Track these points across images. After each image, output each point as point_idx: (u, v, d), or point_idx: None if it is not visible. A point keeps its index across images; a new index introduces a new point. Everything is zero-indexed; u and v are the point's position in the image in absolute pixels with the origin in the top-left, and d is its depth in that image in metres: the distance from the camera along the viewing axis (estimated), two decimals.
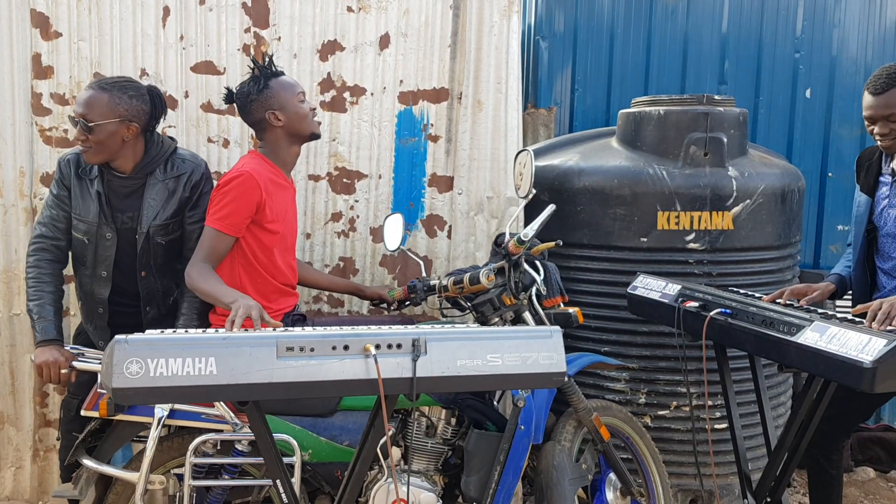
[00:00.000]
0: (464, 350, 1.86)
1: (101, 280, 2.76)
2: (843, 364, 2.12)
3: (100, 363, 2.43)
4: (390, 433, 2.52)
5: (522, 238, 2.50)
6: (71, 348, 2.62)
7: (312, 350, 1.79)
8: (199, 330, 1.96)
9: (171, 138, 2.83)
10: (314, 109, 2.79)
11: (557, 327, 1.96)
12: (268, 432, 1.99)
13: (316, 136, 2.80)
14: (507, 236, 2.64)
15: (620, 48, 4.67)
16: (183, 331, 1.88)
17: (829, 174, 4.72)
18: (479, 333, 1.91)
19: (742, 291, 2.95)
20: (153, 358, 1.71)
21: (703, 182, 3.33)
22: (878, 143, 2.70)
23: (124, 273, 2.77)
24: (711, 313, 2.55)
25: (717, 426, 3.33)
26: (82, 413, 2.50)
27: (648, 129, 3.44)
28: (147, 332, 1.90)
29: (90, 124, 2.59)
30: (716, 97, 3.46)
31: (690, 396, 3.25)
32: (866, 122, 2.71)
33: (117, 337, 1.72)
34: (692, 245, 3.35)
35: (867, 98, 2.66)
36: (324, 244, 3.45)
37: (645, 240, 3.36)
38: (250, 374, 1.75)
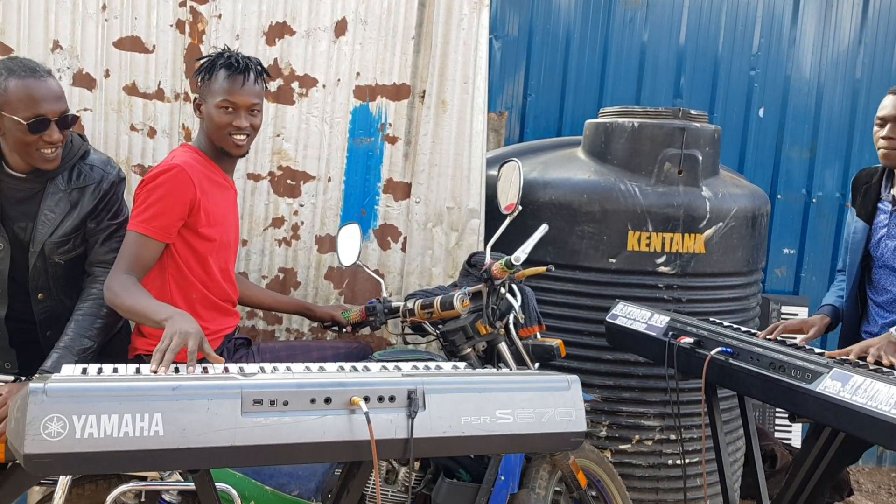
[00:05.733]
0: (469, 403, 1.53)
1: None
2: (872, 420, 1.89)
3: None
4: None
5: (513, 261, 2.18)
6: None
7: (286, 404, 1.42)
8: (145, 370, 1.56)
9: (82, 137, 2.37)
10: (238, 127, 2.26)
11: (575, 376, 1.66)
12: (218, 500, 1.61)
13: (228, 155, 2.33)
14: (488, 257, 2.33)
15: (576, 55, 4.48)
16: (114, 370, 1.48)
17: (779, 196, 4.63)
18: (487, 382, 1.58)
19: (712, 319, 2.76)
20: (80, 414, 1.30)
21: (677, 202, 3.13)
22: (881, 149, 2.56)
23: (22, 290, 2.29)
24: (712, 352, 2.31)
25: (676, 461, 3.12)
26: None
27: (620, 142, 3.21)
28: (66, 370, 1.50)
29: (72, 120, 2.21)
30: (692, 112, 3.26)
31: (682, 440, 3.01)
32: (876, 126, 2.59)
33: (32, 386, 1.30)
34: (662, 268, 3.14)
35: (887, 98, 2.55)
36: (262, 253, 3.03)
37: (614, 261, 3.14)
38: (207, 434, 1.36)
